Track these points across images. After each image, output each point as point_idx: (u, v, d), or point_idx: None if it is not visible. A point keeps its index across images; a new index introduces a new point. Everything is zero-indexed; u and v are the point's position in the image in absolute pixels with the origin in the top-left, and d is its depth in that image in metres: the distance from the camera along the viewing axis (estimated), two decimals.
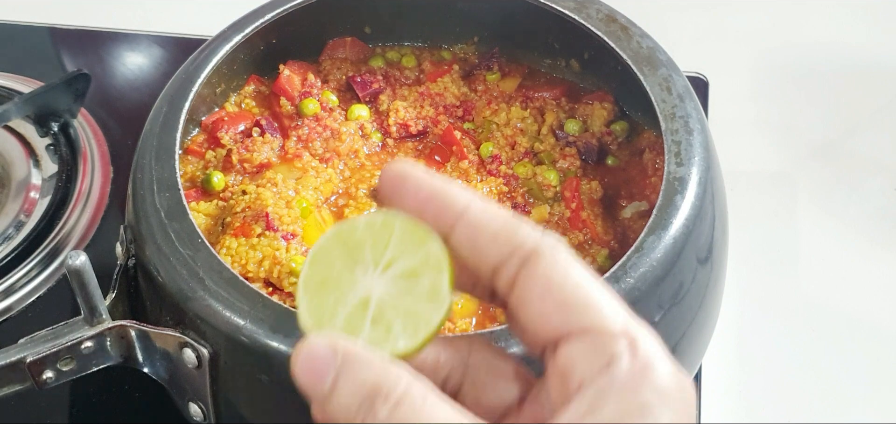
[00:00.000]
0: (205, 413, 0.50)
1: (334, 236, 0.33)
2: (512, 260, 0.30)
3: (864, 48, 0.86)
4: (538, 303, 0.30)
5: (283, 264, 0.52)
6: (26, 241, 0.66)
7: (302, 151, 0.60)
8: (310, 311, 0.32)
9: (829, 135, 0.78)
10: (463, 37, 0.68)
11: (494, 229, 0.31)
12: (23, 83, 0.78)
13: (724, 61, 0.82)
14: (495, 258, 0.30)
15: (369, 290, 0.32)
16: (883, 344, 0.64)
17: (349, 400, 0.29)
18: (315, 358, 0.29)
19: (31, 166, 0.71)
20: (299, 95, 0.63)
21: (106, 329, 0.48)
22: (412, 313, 0.31)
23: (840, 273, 0.68)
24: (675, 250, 0.48)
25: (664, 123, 0.54)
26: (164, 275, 0.48)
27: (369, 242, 0.32)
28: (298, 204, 0.56)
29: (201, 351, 0.46)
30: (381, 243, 0.32)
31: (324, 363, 0.29)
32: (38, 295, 0.65)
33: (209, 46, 0.60)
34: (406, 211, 0.32)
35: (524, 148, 0.61)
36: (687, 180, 0.51)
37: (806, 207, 0.72)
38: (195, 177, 0.60)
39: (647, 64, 0.57)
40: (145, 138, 0.55)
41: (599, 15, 0.60)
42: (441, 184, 0.32)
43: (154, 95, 0.58)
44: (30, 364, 0.47)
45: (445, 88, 0.65)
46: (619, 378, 0.28)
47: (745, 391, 0.61)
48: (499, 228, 0.31)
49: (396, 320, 0.31)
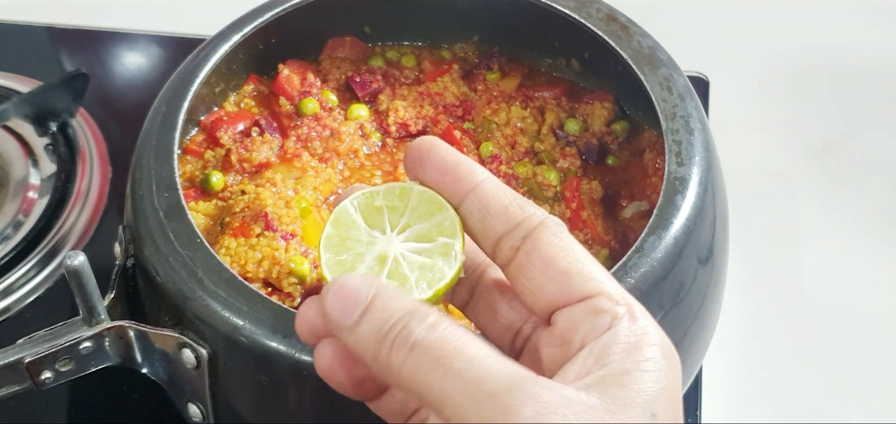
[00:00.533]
0: (204, 414, 0.49)
1: (355, 200, 0.36)
2: (517, 231, 0.33)
3: (865, 49, 0.86)
4: (541, 272, 0.32)
5: (283, 264, 0.52)
6: (25, 241, 0.66)
7: (301, 150, 0.60)
8: (329, 265, 0.35)
9: (830, 135, 0.78)
10: (463, 36, 0.68)
11: (505, 202, 0.34)
12: (21, 83, 0.78)
13: (724, 61, 0.82)
14: (502, 228, 0.33)
15: (386, 249, 0.34)
16: (883, 344, 0.64)
17: (383, 318, 0.30)
18: (349, 289, 0.31)
19: (29, 165, 0.71)
20: (299, 95, 0.63)
21: (104, 330, 0.48)
22: (427, 268, 0.33)
23: (841, 273, 0.68)
24: (676, 251, 0.48)
25: (665, 122, 0.54)
26: (162, 275, 0.48)
27: (388, 208, 0.35)
28: (297, 204, 0.56)
29: (200, 352, 0.46)
30: (398, 209, 0.35)
31: (357, 294, 0.31)
32: (37, 295, 0.65)
33: (208, 46, 0.60)
34: (426, 181, 0.35)
35: (524, 148, 0.61)
36: (688, 179, 0.51)
37: (807, 206, 0.72)
38: (194, 177, 0.60)
39: (648, 63, 0.57)
40: (144, 138, 0.54)
41: (600, 14, 0.60)
42: (461, 158, 0.35)
43: (153, 95, 0.58)
44: (28, 365, 0.47)
45: (445, 87, 0.65)
46: (622, 336, 0.30)
47: (746, 391, 0.61)
48: (509, 202, 0.34)
49: (412, 274, 0.33)
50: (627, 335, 0.31)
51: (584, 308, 0.31)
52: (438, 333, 0.29)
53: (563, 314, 0.32)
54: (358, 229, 0.35)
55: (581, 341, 0.31)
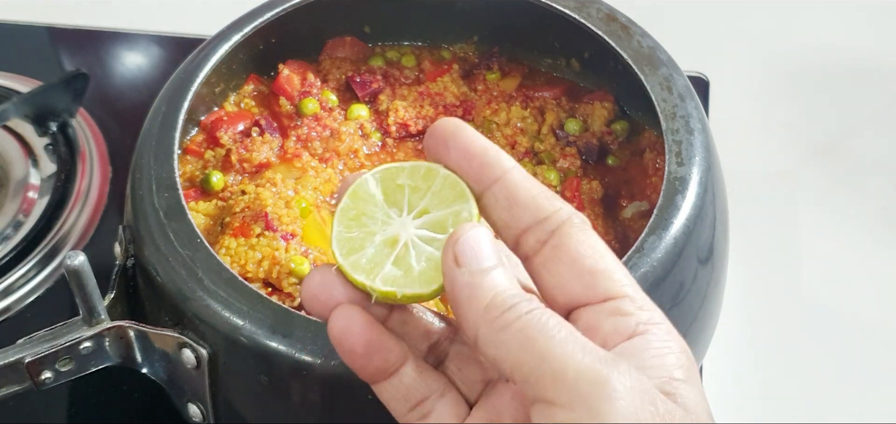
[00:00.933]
0: (204, 414, 0.49)
1: (378, 174, 0.34)
2: (545, 224, 0.32)
3: (865, 49, 0.86)
4: (567, 268, 0.32)
5: (283, 264, 0.52)
6: (25, 241, 0.66)
7: (301, 150, 0.60)
8: (339, 240, 0.34)
9: (830, 135, 0.78)
10: (463, 36, 0.68)
11: (533, 193, 0.32)
12: (21, 83, 0.78)
13: (724, 61, 0.82)
14: (529, 220, 0.32)
15: (398, 233, 0.33)
16: (883, 344, 0.63)
17: (508, 281, 0.31)
18: (483, 241, 0.31)
19: (29, 165, 0.71)
20: (299, 95, 0.63)
21: (104, 330, 0.48)
22: (433, 260, 0.33)
23: (841, 273, 0.68)
24: (676, 251, 0.48)
25: (665, 122, 0.54)
26: (162, 275, 0.48)
27: (410, 187, 0.34)
28: (297, 204, 0.56)
29: (200, 352, 0.46)
30: (420, 190, 0.34)
31: (490, 248, 0.31)
32: (37, 296, 0.65)
33: (208, 46, 0.60)
34: (450, 164, 0.33)
35: (524, 148, 0.61)
36: (688, 179, 0.51)
37: (807, 206, 0.72)
38: (194, 177, 0.60)
39: (648, 63, 0.57)
40: (144, 138, 0.54)
41: (600, 14, 0.60)
42: (488, 144, 0.33)
43: (153, 95, 0.58)
44: (28, 365, 0.47)
45: (445, 87, 0.65)
46: (643, 343, 0.31)
47: (746, 390, 0.61)
48: (537, 192, 0.33)
49: (418, 265, 0.33)
50: (648, 343, 0.31)
51: (607, 309, 0.31)
52: (538, 313, 0.30)
53: (585, 313, 0.32)
54: (375, 206, 0.34)
55: (603, 341, 0.31)
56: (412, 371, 0.34)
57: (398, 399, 0.34)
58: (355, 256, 0.33)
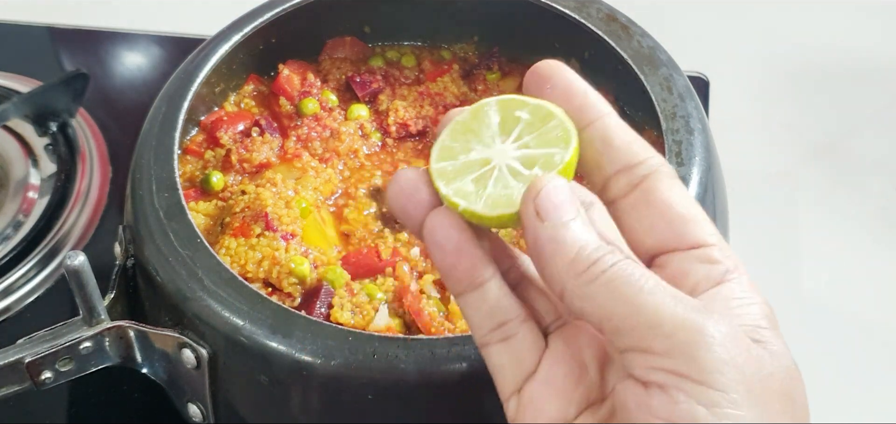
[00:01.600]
0: (204, 414, 0.49)
1: (501, 102, 0.35)
2: (638, 169, 0.33)
3: (865, 49, 0.86)
4: (659, 213, 0.33)
5: (283, 264, 0.52)
6: (25, 241, 0.66)
7: (301, 150, 0.60)
8: (440, 146, 0.34)
9: (830, 135, 0.78)
10: (463, 36, 0.68)
11: (628, 139, 0.34)
12: (21, 83, 0.78)
13: (724, 61, 0.82)
14: (623, 162, 0.33)
15: (493, 155, 0.34)
16: (883, 344, 0.63)
17: (590, 232, 0.31)
18: (563, 192, 0.32)
19: (29, 165, 0.71)
20: (299, 95, 0.63)
21: (104, 330, 0.48)
22: (507, 191, 0.33)
23: (841, 273, 0.68)
24: None
25: (665, 122, 0.54)
26: (162, 275, 0.48)
27: (525, 122, 0.34)
28: (298, 204, 0.56)
29: (200, 352, 0.46)
30: (532, 127, 0.34)
31: (570, 199, 0.32)
32: (37, 296, 0.65)
33: (208, 46, 0.60)
34: (553, 98, 0.34)
35: None
36: (688, 179, 0.51)
37: (807, 206, 0.72)
38: (194, 177, 0.60)
39: (648, 63, 0.57)
40: (144, 138, 0.54)
41: (600, 14, 0.60)
42: (587, 86, 0.35)
43: (153, 95, 0.58)
44: (28, 365, 0.47)
45: (445, 87, 0.65)
46: (729, 291, 0.32)
47: None
48: (632, 139, 0.34)
49: (493, 188, 0.33)
50: (736, 289, 0.32)
51: (696, 256, 0.32)
52: (626, 264, 0.31)
53: (673, 259, 0.32)
54: (487, 127, 0.34)
55: (692, 287, 0.32)
56: (497, 289, 0.34)
57: (483, 314, 0.34)
58: (444, 162, 0.34)
